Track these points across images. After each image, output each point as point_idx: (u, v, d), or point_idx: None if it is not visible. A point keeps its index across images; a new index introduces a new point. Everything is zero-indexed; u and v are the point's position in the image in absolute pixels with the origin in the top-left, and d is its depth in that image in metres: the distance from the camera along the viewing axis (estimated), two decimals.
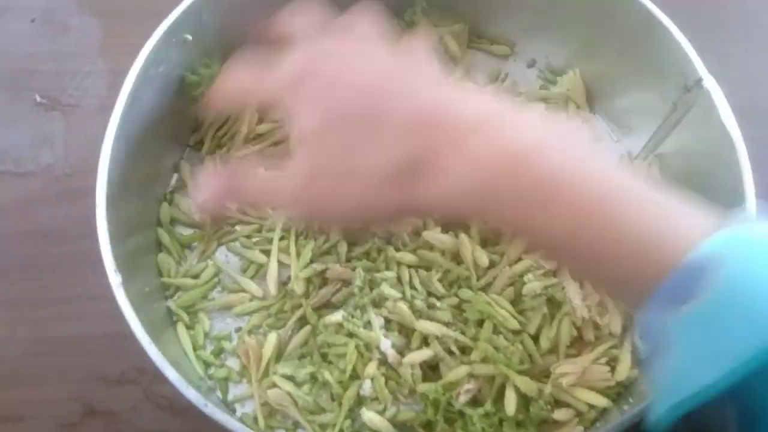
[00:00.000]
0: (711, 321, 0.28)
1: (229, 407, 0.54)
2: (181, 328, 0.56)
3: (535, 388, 0.50)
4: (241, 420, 0.52)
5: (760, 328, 0.26)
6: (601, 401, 0.51)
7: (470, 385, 0.50)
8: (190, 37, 0.57)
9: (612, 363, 0.52)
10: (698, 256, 0.29)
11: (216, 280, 0.58)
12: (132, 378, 0.57)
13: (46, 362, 0.57)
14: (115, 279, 0.47)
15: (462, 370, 0.51)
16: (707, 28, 0.54)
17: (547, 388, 0.50)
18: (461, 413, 0.51)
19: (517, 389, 0.50)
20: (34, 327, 0.58)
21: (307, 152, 0.39)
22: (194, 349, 0.55)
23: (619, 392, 0.52)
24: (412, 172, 0.36)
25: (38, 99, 0.68)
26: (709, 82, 0.52)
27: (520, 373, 0.50)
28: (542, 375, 0.52)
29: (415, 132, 0.36)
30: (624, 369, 0.52)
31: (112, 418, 0.55)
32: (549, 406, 0.50)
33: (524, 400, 0.50)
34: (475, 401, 0.51)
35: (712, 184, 0.53)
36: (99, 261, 0.57)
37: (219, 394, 0.54)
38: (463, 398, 0.50)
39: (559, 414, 0.51)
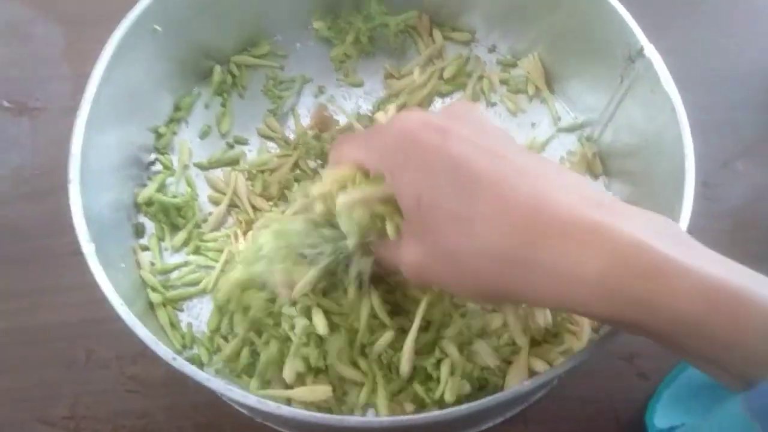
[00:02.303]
0: None
1: None
2: (158, 305, 0.57)
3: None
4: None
5: None
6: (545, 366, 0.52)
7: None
8: (159, 28, 0.60)
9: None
10: None
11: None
12: (105, 363, 0.59)
13: (18, 351, 0.59)
14: (88, 247, 0.49)
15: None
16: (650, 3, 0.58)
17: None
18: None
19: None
20: (5, 318, 0.60)
21: (416, 230, 0.42)
22: (171, 326, 0.57)
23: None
24: (516, 263, 0.37)
25: (5, 104, 0.71)
26: (650, 51, 0.56)
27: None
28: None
29: (517, 226, 0.36)
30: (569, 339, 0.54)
31: (84, 402, 0.57)
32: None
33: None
34: None
35: (657, 153, 0.57)
36: (68, 253, 0.60)
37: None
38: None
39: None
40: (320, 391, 0.51)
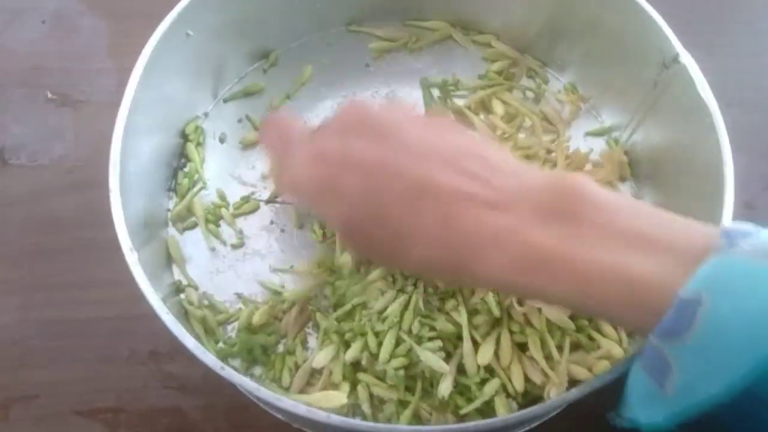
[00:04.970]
0: (700, 352, 0.30)
1: None
2: (192, 314, 0.54)
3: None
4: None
5: (735, 359, 0.29)
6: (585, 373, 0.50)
7: None
8: (191, 33, 0.56)
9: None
10: (684, 296, 0.31)
11: None
12: (141, 359, 0.55)
13: (58, 344, 0.55)
14: (131, 256, 0.45)
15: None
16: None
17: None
18: None
19: None
20: (46, 310, 0.57)
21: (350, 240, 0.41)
22: (206, 333, 0.53)
23: None
24: (446, 269, 0.38)
25: (50, 95, 0.66)
26: (686, 58, 0.52)
27: None
28: None
29: (437, 246, 0.37)
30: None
31: (122, 396, 0.54)
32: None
33: None
34: None
35: (692, 157, 0.53)
36: (108, 248, 0.56)
37: None
38: None
39: None
40: (335, 397, 0.49)
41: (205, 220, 0.57)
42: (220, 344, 0.53)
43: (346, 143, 0.39)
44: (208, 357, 0.42)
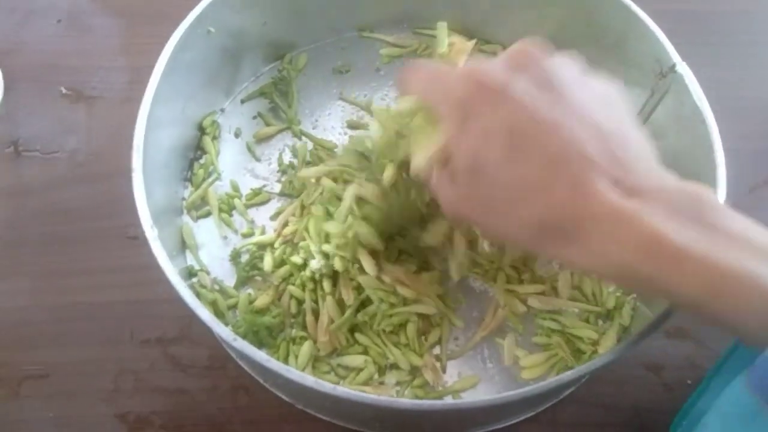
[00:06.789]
0: None
1: None
2: (203, 297, 0.55)
3: None
4: None
5: None
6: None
7: None
8: (213, 29, 0.58)
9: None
10: None
11: None
12: (149, 343, 0.57)
13: (69, 326, 0.57)
14: (151, 233, 0.46)
15: None
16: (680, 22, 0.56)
17: None
18: None
19: None
20: (58, 295, 0.58)
21: (462, 181, 0.40)
22: (216, 315, 0.55)
23: None
24: (550, 236, 0.37)
25: (64, 91, 0.68)
26: (682, 67, 0.55)
27: None
28: None
29: (556, 207, 0.37)
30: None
31: (129, 378, 0.55)
32: None
33: None
34: None
35: (686, 163, 0.54)
36: (117, 236, 0.59)
37: None
38: None
39: None
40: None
41: (219, 209, 0.59)
42: (229, 327, 0.54)
43: (511, 77, 0.39)
44: (221, 328, 0.44)
